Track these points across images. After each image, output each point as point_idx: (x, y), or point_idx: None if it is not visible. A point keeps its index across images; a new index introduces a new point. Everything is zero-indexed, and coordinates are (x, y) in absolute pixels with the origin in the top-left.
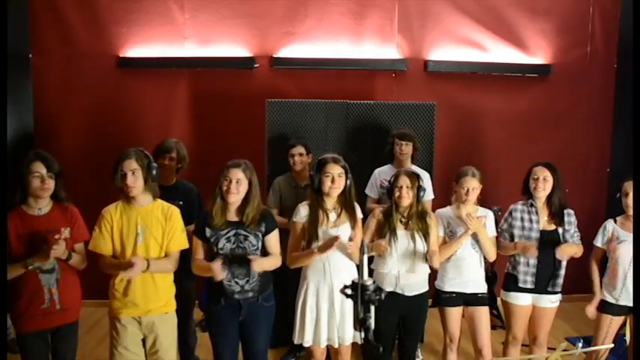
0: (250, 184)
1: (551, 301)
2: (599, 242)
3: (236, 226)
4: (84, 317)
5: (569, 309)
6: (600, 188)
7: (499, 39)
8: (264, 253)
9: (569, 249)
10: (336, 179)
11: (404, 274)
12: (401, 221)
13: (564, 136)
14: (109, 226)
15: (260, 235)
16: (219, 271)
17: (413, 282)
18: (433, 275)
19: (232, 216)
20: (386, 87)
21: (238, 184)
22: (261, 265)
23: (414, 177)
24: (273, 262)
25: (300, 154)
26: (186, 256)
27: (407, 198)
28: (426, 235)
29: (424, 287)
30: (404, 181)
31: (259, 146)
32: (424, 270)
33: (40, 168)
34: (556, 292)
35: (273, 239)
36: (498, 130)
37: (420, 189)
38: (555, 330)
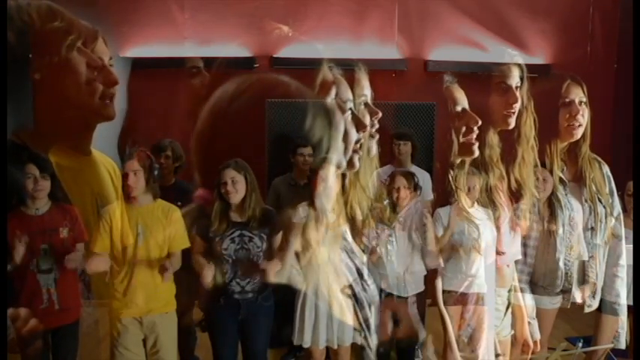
0: (246, 180)
1: (552, 303)
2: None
3: (241, 227)
4: (84, 317)
5: (569, 309)
6: None
7: (499, 39)
8: (269, 254)
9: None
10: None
11: (402, 274)
12: (399, 221)
13: None
14: (108, 226)
15: (265, 236)
16: (208, 276)
17: (411, 281)
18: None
19: (235, 217)
20: (386, 87)
21: (234, 182)
22: (276, 275)
23: (410, 176)
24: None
25: (309, 155)
26: (186, 255)
27: (405, 198)
28: (423, 235)
29: (422, 286)
30: (400, 182)
31: (259, 146)
32: (422, 269)
33: (32, 170)
34: (557, 293)
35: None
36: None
37: (416, 187)
38: (555, 330)
